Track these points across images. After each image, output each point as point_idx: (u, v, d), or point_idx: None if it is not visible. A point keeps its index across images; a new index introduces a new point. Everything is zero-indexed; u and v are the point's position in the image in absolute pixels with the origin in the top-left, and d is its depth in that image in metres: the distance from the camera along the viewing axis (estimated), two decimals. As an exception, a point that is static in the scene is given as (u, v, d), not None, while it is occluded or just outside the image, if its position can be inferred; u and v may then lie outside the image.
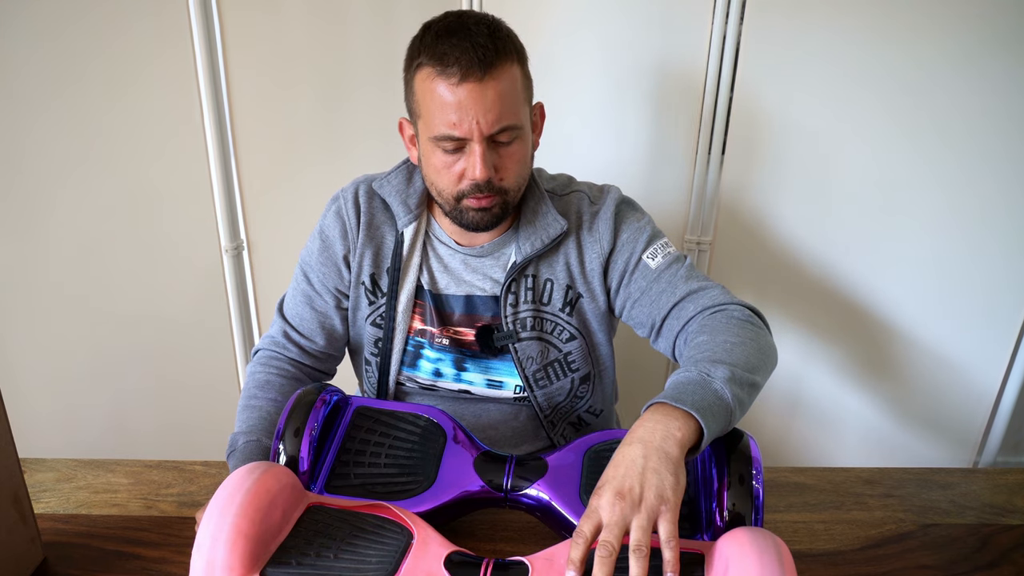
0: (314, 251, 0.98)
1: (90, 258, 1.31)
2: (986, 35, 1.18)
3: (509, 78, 0.83)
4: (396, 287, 0.96)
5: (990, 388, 1.39)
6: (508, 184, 0.87)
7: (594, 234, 0.95)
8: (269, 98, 1.33)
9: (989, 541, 0.84)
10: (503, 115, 0.82)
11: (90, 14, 1.19)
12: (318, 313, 0.99)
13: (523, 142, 0.88)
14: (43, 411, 1.36)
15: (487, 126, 0.82)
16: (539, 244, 0.93)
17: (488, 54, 0.81)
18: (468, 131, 0.82)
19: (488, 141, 0.84)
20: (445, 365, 0.99)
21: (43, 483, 0.90)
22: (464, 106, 0.81)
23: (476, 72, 0.80)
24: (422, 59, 0.84)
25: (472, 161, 0.84)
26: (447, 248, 0.97)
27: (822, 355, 1.43)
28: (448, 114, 0.82)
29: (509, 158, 0.86)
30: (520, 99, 0.86)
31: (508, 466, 0.77)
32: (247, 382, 0.96)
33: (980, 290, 1.33)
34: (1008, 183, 1.26)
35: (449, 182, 0.87)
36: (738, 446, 0.71)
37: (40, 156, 1.22)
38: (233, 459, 0.85)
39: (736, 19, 1.25)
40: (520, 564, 0.65)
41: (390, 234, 0.96)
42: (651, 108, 1.33)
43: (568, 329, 0.97)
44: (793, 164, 1.32)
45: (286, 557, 0.64)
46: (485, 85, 0.81)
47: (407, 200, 0.95)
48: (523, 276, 0.95)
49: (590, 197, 0.97)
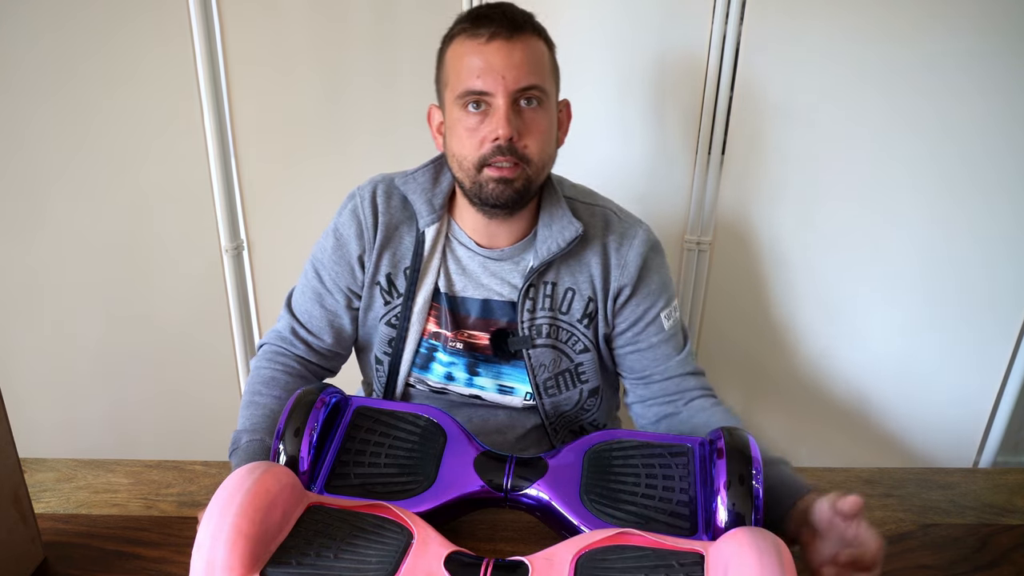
0: (327, 249, 0.97)
1: (89, 258, 1.31)
2: (989, 33, 1.18)
3: (537, 48, 0.86)
4: (413, 288, 0.95)
5: (990, 388, 1.39)
6: (531, 153, 0.86)
7: (621, 259, 0.95)
8: (269, 97, 1.33)
9: (989, 541, 0.84)
10: (529, 74, 0.84)
11: (89, 11, 1.18)
12: (328, 311, 0.99)
13: (548, 112, 0.88)
14: (43, 411, 1.36)
15: (512, 81, 0.83)
16: (555, 247, 0.92)
17: (518, 19, 0.84)
18: (493, 85, 0.83)
19: (512, 104, 0.84)
20: (458, 369, 0.99)
21: (43, 483, 0.90)
22: (491, 63, 0.83)
23: (505, 31, 0.83)
24: (455, 30, 0.87)
25: (496, 118, 0.84)
26: (466, 250, 0.96)
27: (821, 354, 1.43)
28: (474, 68, 0.83)
29: (534, 124, 0.86)
30: (547, 71, 0.87)
31: (508, 466, 0.77)
32: (251, 377, 0.96)
33: (981, 290, 1.33)
34: (1010, 183, 1.26)
35: (472, 147, 0.86)
36: (738, 446, 0.71)
37: (39, 155, 1.22)
38: (236, 457, 0.85)
39: (736, 19, 1.25)
40: (520, 564, 0.65)
41: (408, 234, 0.96)
42: (651, 108, 1.33)
43: (583, 340, 0.97)
44: (793, 164, 1.31)
45: (286, 557, 0.64)
46: (513, 44, 0.83)
47: (432, 200, 0.95)
48: (542, 282, 0.94)
49: (619, 215, 0.97)
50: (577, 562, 0.65)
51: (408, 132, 1.39)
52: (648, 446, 0.79)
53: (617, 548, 0.67)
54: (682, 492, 0.74)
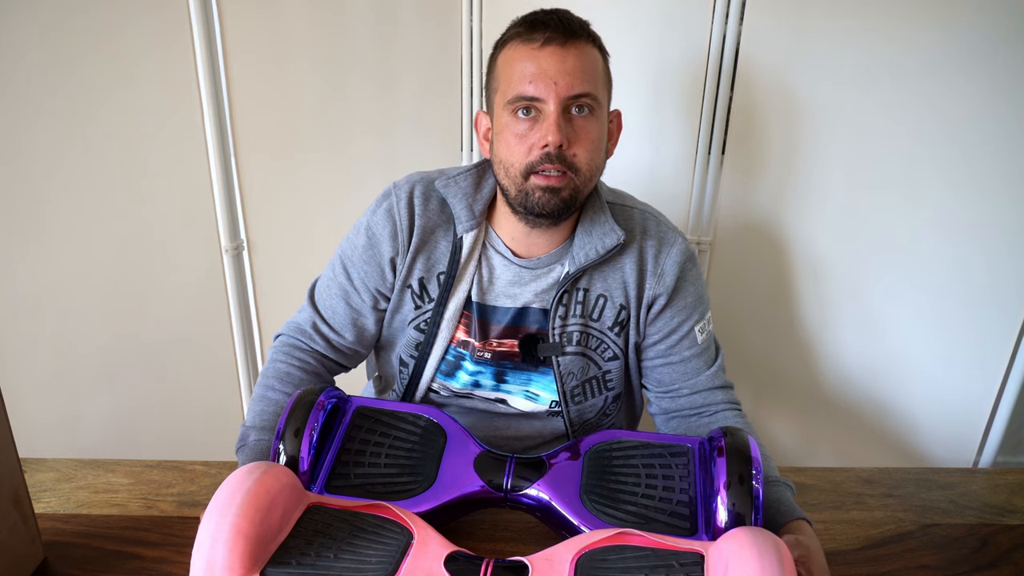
0: (358, 247, 0.94)
1: (89, 257, 1.31)
2: (991, 33, 1.18)
3: (591, 56, 0.84)
4: (447, 295, 0.93)
5: (990, 388, 1.39)
6: (580, 162, 0.84)
7: (659, 267, 0.93)
8: (270, 97, 1.33)
9: (989, 541, 0.84)
10: (582, 81, 0.82)
11: (89, 11, 1.18)
12: (352, 310, 0.96)
13: (599, 121, 0.86)
14: (43, 411, 1.36)
15: (564, 88, 0.81)
16: (593, 254, 0.90)
17: (573, 26, 0.83)
18: (544, 91, 0.81)
19: (563, 110, 0.82)
20: (485, 377, 0.98)
21: (43, 483, 0.90)
22: (543, 69, 0.81)
23: (559, 37, 0.81)
24: (508, 34, 0.86)
25: (546, 125, 0.82)
26: (502, 259, 0.94)
27: (821, 355, 1.43)
28: (527, 73, 0.82)
29: (584, 133, 0.84)
30: (600, 80, 0.86)
31: (508, 466, 0.77)
32: (267, 368, 0.95)
33: (981, 290, 1.33)
34: (1012, 183, 1.26)
35: (521, 153, 0.84)
36: (738, 446, 0.71)
37: (38, 154, 1.22)
38: (243, 454, 0.85)
39: (736, 19, 1.25)
40: (520, 564, 0.65)
41: (445, 239, 0.93)
42: (651, 108, 1.33)
43: (613, 348, 0.95)
44: (794, 164, 1.32)
45: (286, 557, 0.64)
46: (567, 50, 0.82)
47: (473, 205, 0.92)
48: (575, 289, 0.92)
49: (658, 220, 0.96)
50: (577, 562, 0.65)
51: (408, 132, 1.39)
52: (648, 446, 0.79)
53: (617, 548, 0.67)
54: (682, 492, 0.74)
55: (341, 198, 1.39)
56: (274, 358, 0.95)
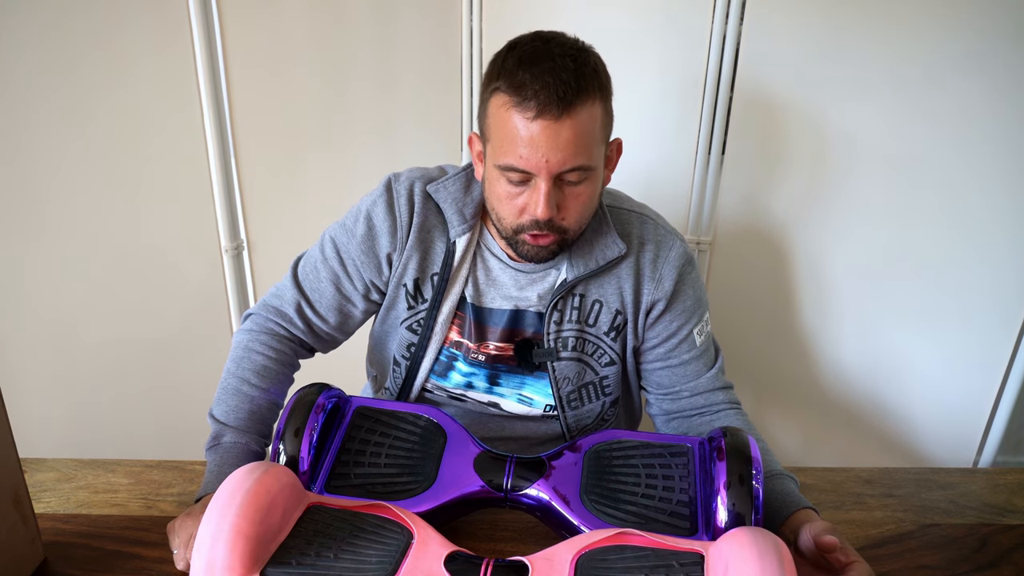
0: (356, 234, 0.92)
1: (89, 257, 1.31)
2: (988, 33, 1.18)
3: (588, 118, 0.78)
4: (440, 297, 0.92)
5: (990, 388, 1.39)
6: (569, 223, 0.84)
7: (656, 272, 0.92)
8: (269, 98, 1.33)
9: (989, 541, 0.84)
10: (575, 155, 0.78)
11: (89, 11, 1.18)
12: (341, 295, 0.95)
13: (592, 183, 0.83)
14: (43, 411, 1.36)
15: (555, 165, 0.78)
16: (592, 265, 0.90)
17: (569, 92, 0.76)
18: (536, 167, 0.78)
19: (555, 179, 0.80)
20: (478, 379, 0.97)
21: (43, 483, 0.90)
22: (535, 142, 0.77)
23: (553, 110, 0.76)
24: (500, 83, 0.79)
25: (536, 198, 0.80)
26: (498, 261, 0.93)
27: (821, 355, 1.43)
28: (518, 147, 0.78)
29: (575, 198, 0.82)
30: (596, 139, 0.81)
31: (508, 466, 0.77)
32: (242, 354, 0.92)
33: (981, 290, 1.33)
34: (1011, 183, 1.26)
35: (510, 213, 0.83)
36: (738, 446, 0.71)
37: (38, 154, 1.22)
38: (215, 455, 0.83)
39: (736, 19, 1.25)
40: (520, 564, 0.65)
41: (440, 240, 0.92)
42: (651, 108, 1.33)
43: (609, 353, 0.95)
44: (793, 164, 1.32)
45: (286, 557, 0.64)
46: (561, 124, 0.76)
47: (463, 209, 0.91)
48: (571, 295, 0.92)
49: (656, 222, 0.95)
50: (577, 562, 0.65)
51: (408, 132, 1.39)
52: (648, 446, 0.79)
53: (617, 548, 0.67)
54: (682, 492, 0.74)
55: (341, 198, 1.38)
56: (249, 345, 0.92)
